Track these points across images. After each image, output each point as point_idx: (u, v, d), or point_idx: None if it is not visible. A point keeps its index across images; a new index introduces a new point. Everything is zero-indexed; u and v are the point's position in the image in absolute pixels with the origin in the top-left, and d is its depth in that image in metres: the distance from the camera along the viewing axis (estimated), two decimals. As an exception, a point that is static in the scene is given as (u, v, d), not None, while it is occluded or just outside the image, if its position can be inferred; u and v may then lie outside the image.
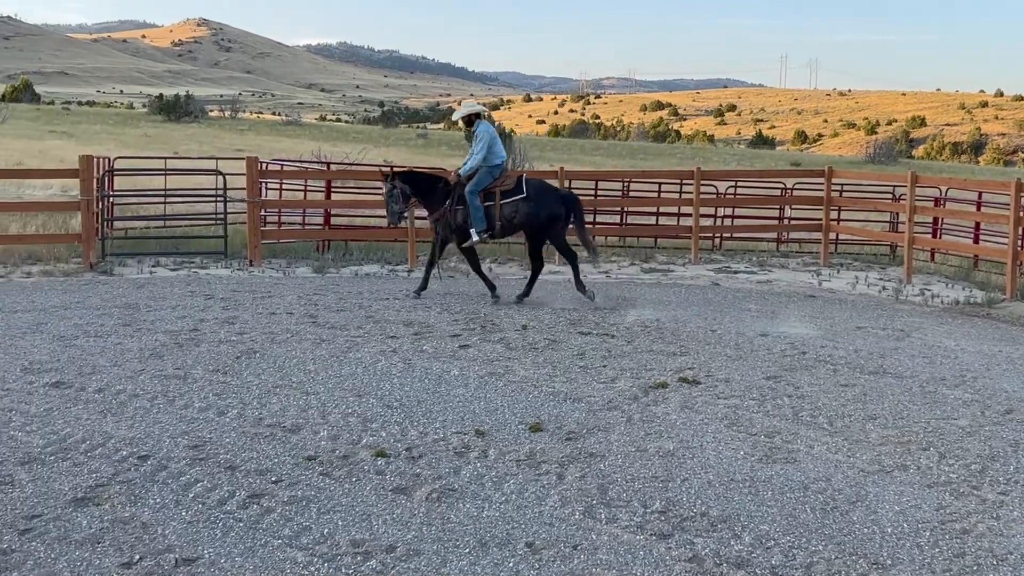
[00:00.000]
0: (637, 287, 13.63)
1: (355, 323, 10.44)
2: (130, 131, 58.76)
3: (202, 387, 7.83)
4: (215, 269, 14.22)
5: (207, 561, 4.81)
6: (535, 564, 4.90)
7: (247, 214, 15.02)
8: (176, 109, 79.56)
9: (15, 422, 6.82)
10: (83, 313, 10.60)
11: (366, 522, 5.32)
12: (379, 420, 7.10)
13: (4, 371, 8.12)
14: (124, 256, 14.82)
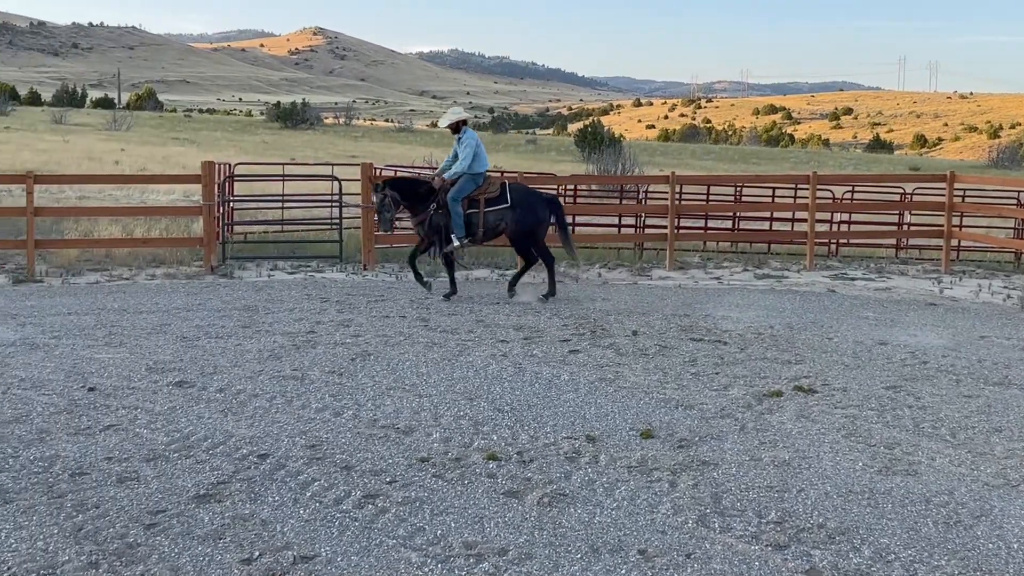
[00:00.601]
0: (749, 293, 13.43)
1: (466, 327, 10.53)
2: (249, 138, 60.32)
3: (319, 388, 7.98)
4: (330, 273, 14.48)
5: (324, 559, 4.90)
6: (648, 572, 4.86)
7: (361, 219, 15.27)
8: (292, 116, 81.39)
9: (140, 420, 7.05)
10: (204, 315, 10.92)
11: (478, 524, 5.35)
12: (490, 423, 7.14)
13: (130, 370, 8.41)
14: (243, 260, 15.21)
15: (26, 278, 13.23)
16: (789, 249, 17.92)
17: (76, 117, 71.71)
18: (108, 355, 8.94)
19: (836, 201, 18.87)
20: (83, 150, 38.27)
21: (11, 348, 9.11)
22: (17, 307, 11.15)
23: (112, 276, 13.70)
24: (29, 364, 8.54)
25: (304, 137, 66.02)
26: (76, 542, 5.00)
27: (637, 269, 15.63)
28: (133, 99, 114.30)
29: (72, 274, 13.72)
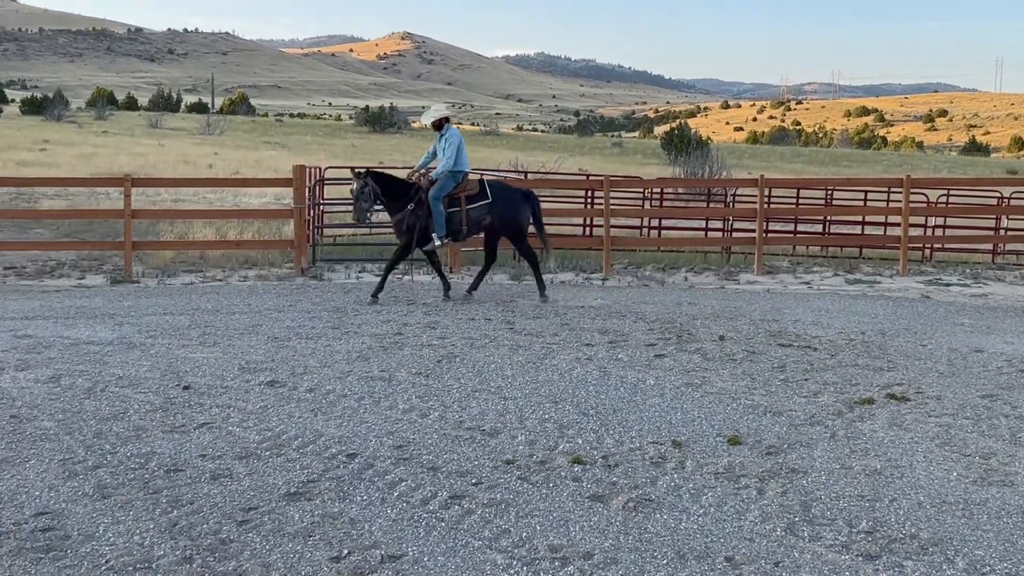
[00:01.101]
0: (840, 299, 13.20)
1: (551, 330, 10.54)
2: (338, 142, 61.23)
3: (406, 389, 8.06)
4: (417, 275, 14.62)
5: (411, 559, 4.95)
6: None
7: (448, 222, 15.37)
8: (381, 120, 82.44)
9: (233, 418, 7.20)
10: (295, 316, 11.11)
11: (564, 528, 5.36)
12: (575, 427, 7.13)
13: (223, 370, 8.59)
14: (332, 262, 15.44)
15: (123, 279, 13.61)
16: (881, 254, 17.59)
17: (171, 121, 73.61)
18: (202, 354, 9.15)
19: (930, 205, 18.45)
20: (178, 154, 39.25)
21: (109, 347, 9.38)
22: (115, 307, 11.48)
23: (206, 277, 14.02)
24: (126, 363, 8.79)
25: (392, 141, 66.79)
26: (171, 537, 5.13)
27: (724, 273, 15.48)
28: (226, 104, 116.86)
29: (167, 275, 14.08)
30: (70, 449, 6.43)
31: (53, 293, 12.49)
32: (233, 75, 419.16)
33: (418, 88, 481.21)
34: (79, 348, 9.30)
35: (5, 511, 5.40)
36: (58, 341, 9.57)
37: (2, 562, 4.77)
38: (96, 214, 17.32)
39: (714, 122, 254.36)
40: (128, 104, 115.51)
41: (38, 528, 5.18)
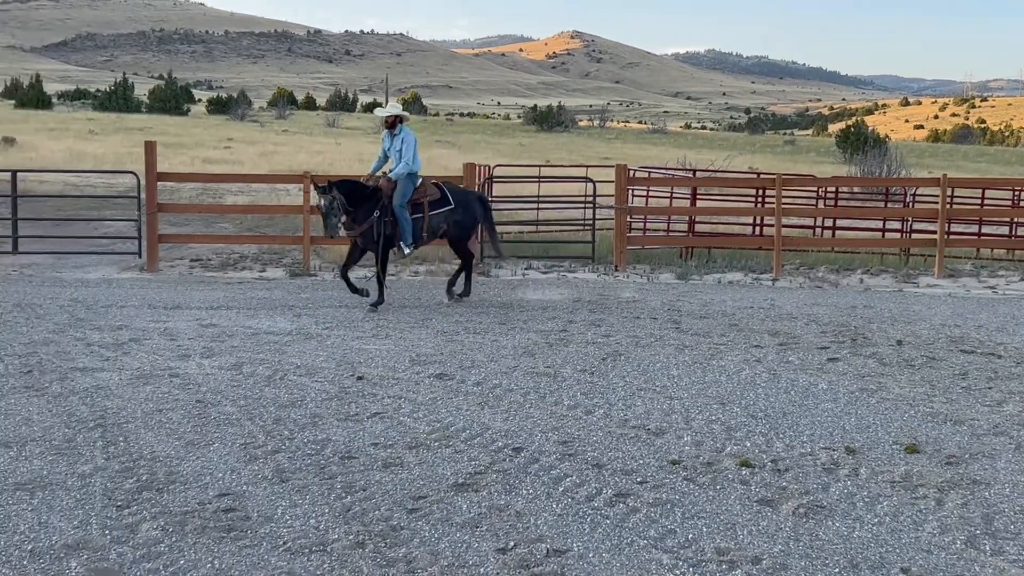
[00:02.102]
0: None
1: (718, 330, 10.39)
2: (506, 141, 61.89)
3: (571, 386, 8.09)
4: (582, 273, 14.65)
5: (576, 554, 4.96)
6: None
7: (615, 220, 15.35)
8: (548, 119, 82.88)
9: (404, 409, 7.38)
10: (463, 311, 11.29)
11: (731, 531, 5.27)
12: (743, 429, 7.01)
13: (395, 361, 8.81)
14: (499, 259, 15.60)
15: (301, 272, 14.12)
16: (1073, 258, 16.61)
17: (347, 121, 75.93)
18: (375, 346, 9.41)
19: None
20: (353, 152, 40.45)
21: (288, 337, 9.75)
22: (293, 299, 11.93)
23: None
24: (303, 352, 9.11)
25: (559, 139, 67.06)
26: (345, 522, 5.29)
27: (902, 276, 14.93)
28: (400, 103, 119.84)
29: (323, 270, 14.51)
30: (251, 434, 6.72)
31: (236, 285, 13.06)
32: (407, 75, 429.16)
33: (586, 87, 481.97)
34: (260, 337, 9.70)
35: (191, 491, 5.68)
36: (240, 330, 10.00)
37: (187, 539, 5.02)
38: (277, 210, 18.03)
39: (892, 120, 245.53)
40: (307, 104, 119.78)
41: (221, 508, 5.43)
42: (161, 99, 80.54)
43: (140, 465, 6.06)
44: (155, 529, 5.13)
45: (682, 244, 16.72)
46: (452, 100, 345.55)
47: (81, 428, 6.77)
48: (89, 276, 13.45)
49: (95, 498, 5.53)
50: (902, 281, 14.53)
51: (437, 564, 4.82)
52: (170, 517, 5.28)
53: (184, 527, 5.16)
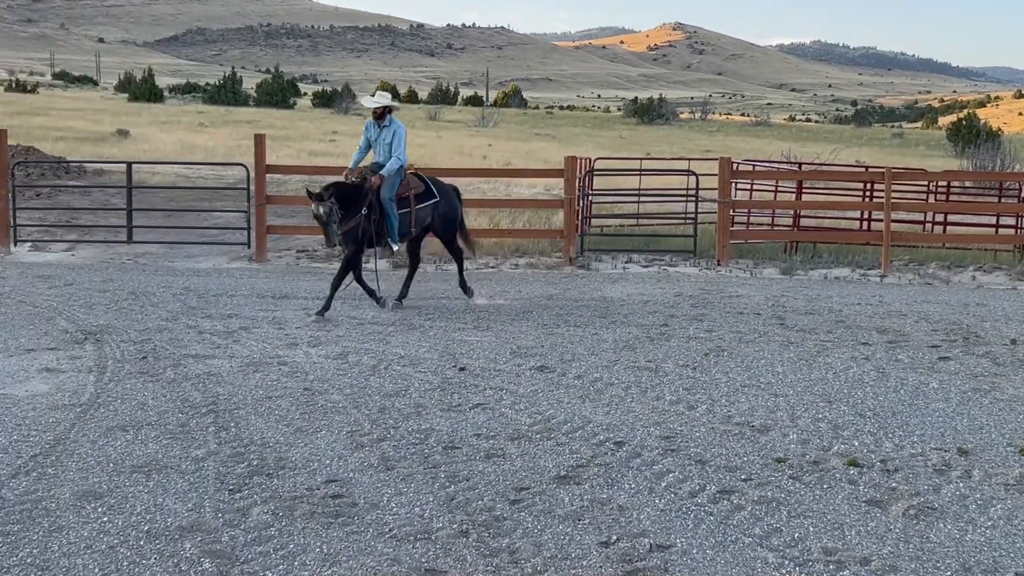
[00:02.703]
0: None
1: (824, 327, 10.20)
2: (606, 133, 61.66)
3: (672, 381, 8.04)
4: (684, 267, 14.52)
5: (679, 550, 4.93)
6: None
7: (717, 214, 15.18)
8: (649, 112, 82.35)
9: (505, 400, 7.42)
10: (563, 304, 11.30)
11: (838, 531, 5.18)
12: (851, 428, 6.88)
13: (496, 353, 8.87)
14: (600, 252, 15.57)
15: (404, 264, 14.25)
16: None
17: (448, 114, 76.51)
18: (476, 338, 9.48)
19: None
20: (454, 145, 40.73)
21: (391, 327, 9.88)
22: (396, 290, 12.02)
23: (479, 265, 14.48)
24: (407, 343, 9.23)
25: (660, 132, 66.54)
26: (448, 511, 5.35)
27: (1017, 273, 14.45)
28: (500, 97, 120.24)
29: (444, 261, 14.63)
30: (357, 422, 6.83)
31: (341, 275, 13.25)
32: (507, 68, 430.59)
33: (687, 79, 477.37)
34: (364, 328, 9.85)
35: (299, 476, 5.81)
36: (345, 320, 10.17)
37: (296, 524, 5.14)
38: (379, 202, 18.20)
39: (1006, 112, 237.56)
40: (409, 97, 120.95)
41: (328, 494, 5.54)
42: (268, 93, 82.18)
43: (251, 450, 6.21)
44: (265, 513, 5.26)
45: (787, 239, 16.43)
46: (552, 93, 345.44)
47: (194, 413, 6.96)
48: (200, 266, 13.81)
49: (208, 482, 5.70)
50: (1016, 279, 14.07)
51: (540, 555, 4.84)
52: (280, 502, 5.41)
53: (293, 512, 5.28)
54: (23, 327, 9.52)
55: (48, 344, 8.88)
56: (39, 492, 5.49)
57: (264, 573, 4.61)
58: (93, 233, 15.96)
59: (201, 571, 4.62)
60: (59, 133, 35.29)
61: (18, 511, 5.23)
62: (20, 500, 5.37)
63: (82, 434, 6.46)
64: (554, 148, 40.33)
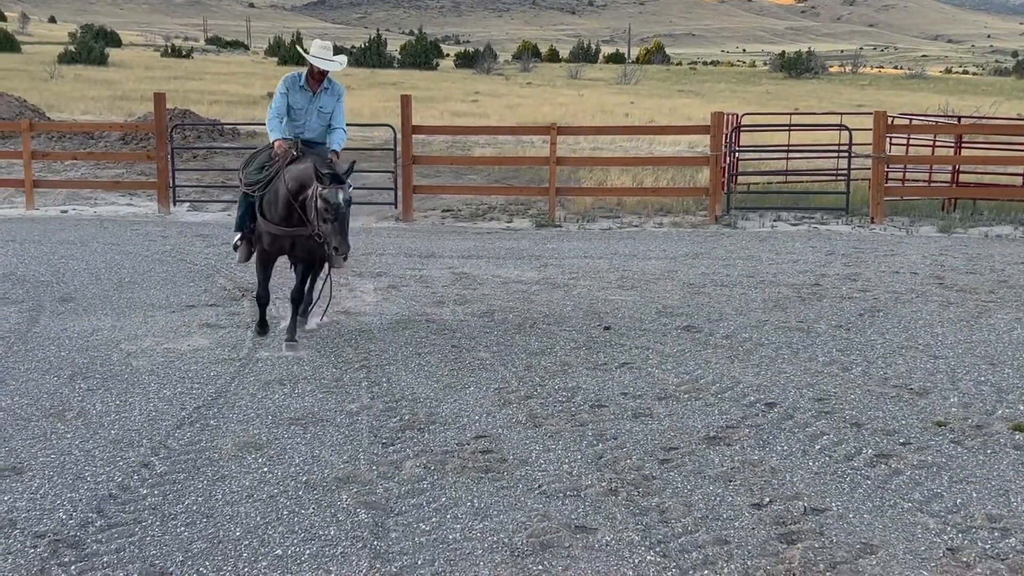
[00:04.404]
0: None
1: (986, 287, 9.78)
2: (751, 89, 60.21)
3: (825, 341, 7.83)
4: (835, 225, 14.11)
5: (835, 514, 4.82)
6: None
7: (871, 170, 14.67)
8: (797, 66, 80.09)
9: (652, 360, 7.36)
10: (709, 263, 11.13)
11: (1003, 497, 4.98)
12: (1016, 392, 6.59)
13: (641, 312, 8.80)
14: (747, 210, 15.27)
15: (547, 223, 14.28)
16: None
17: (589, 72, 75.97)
18: (620, 297, 9.43)
19: None
20: (595, 103, 40.45)
21: (535, 286, 9.91)
22: (539, 249, 12.09)
23: (622, 223, 14.39)
24: (551, 301, 9.24)
25: (808, 87, 64.62)
26: (597, 469, 5.35)
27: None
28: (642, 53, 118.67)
29: (587, 220, 14.60)
30: (504, 379, 6.89)
31: (485, 234, 13.36)
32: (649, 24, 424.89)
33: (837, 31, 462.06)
34: (509, 286, 9.90)
35: (449, 431, 5.90)
36: (490, 279, 10.25)
37: (448, 478, 5.22)
38: (523, 161, 18.29)
39: None
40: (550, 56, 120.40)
41: (478, 450, 5.61)
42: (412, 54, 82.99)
43: (402, 405, 6.34)
44: (418, 467, 5.36)
45: (945, 195, 15.78)
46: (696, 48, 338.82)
47: (347, 368, 7.14)
48: (351, 225, 14.09)
49: (362, 435, 5.84)
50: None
51: (690, 515, 4.80)
52: (431, 456, 5.51)
53: (444, 466, 5.37)
54: (184, 284, 9.92)
55: (208, 301, 9.24)
56: (203, 442, 5.73)
57: (417, 525, 4.71)
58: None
59: (357, 522, 4.74)
60: (213, 97, 36.52)
61: (183, 460, 5.47)
62: (185, 450, 5.62)
63: (242, 387, 6.71)
64: (698, 105, 39.63)
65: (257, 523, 4.73)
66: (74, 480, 5.19)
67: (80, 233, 13.03)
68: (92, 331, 8.09)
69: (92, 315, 8.64)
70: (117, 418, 6.11)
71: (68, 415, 6.16)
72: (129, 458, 5.48)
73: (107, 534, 4.61)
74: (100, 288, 9.70)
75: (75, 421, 6.05)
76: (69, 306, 8.97)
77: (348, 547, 4.50)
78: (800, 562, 4.35)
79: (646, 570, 4.30)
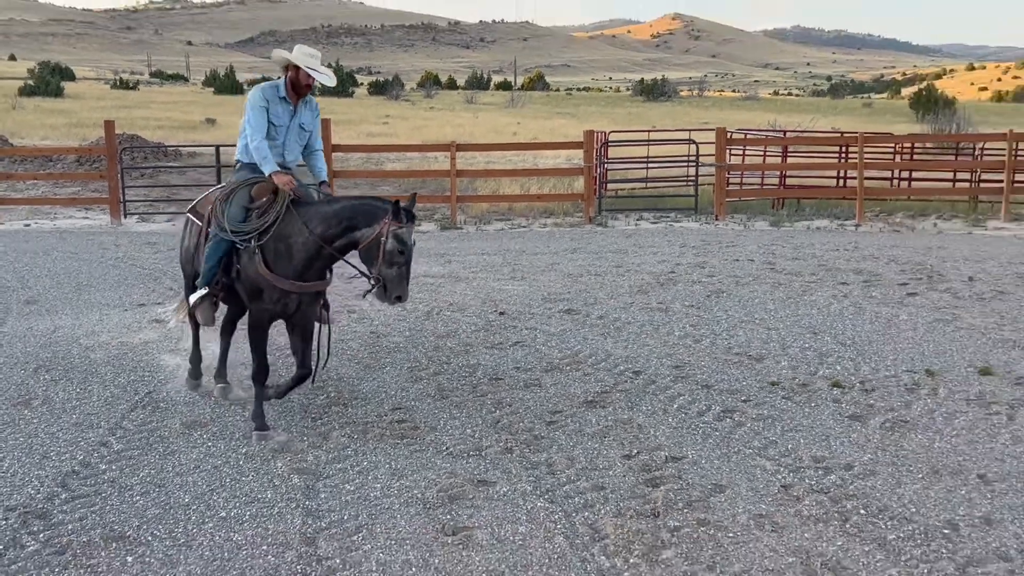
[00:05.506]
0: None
1: (809, 270, 10.08)
2: (617, 110, 60.86)
3: (680, 319, 7.97)
4: (687, 222, 14.37)
5: (690, 460, 4.92)
6: (987, 494, 4.46)
7: (715, 176, 14.99)
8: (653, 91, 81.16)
9: (540, 339, 7.40)
10: (585, 256, 11.23)
11: (825, 442, 5.15)
12: (833, 355, 6.81)
13: (530, 299, 8.83)
14: (615, 212, 15.45)
15: (450, 225, 14.23)
16: None
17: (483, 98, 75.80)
18: (512, 287, 9.45)
19: None
20: (489, 124, 40.41)
21: (441, 280, 9.86)
22: (444, 248, 12.04)
23: (513, 225, 14.42)
24: (454, 292, 9.21)
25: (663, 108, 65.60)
26: (495, 432, 5.36)
27: (972, 220, 14.20)
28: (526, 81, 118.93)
29: (483, 223, 14.59)
30: (415, 359, 6.84)
31: (397, 236, 13.22)
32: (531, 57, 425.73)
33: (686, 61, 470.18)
34: (419, 280, 9.81)
35: (369, 405, 5.84)
36: (403, 274, 10.14)
37: (369, 444, 5.17)
38: (429, 174, 18.16)
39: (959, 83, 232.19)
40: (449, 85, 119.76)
41: (395, 420, 5.57)
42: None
43: (328, 384, 6.25)
44: (343, 436, 5.30)
45: (775, 196, 16.23)
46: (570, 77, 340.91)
47: (280, 355, 6.97)
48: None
49: (294, 411, 5.74)
50: (972, 225, 13.84)
51: (573, 467, 4.85)
52: (355, 427, 5.44)
53: (366, 435, 5.31)
54: (135, 286, 9.61)
55: (156, 299, 8.96)
56: (154, 422, 5.56)
57: (343, 486, 4.65)
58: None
59: (292, 485, 4.66)
60: (158, 123, 35.36)
61: (137, 438, 5.30)
62: (139, 429, 5.45)
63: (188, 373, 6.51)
64: (573, 124, 39.88)
65: (203, 490, 4.62)
66: (41, 459, 4.99)
67: (42, 244, 12.49)
68: (54, 329, 7.78)
69: (54, 315, 8.31)
70: (78, 404, 5.89)
71: (34, 403, 5.91)
72: (89, 438, 5.29)
73: (71, 505, 4.45)
74: (61, 291, 9.33)
75: (40, 408, 5.82)
76: (33, 308, 8.61)
77: (284, 507, 4.43)
78: (663, 501, 4.43)
79: (537, 514, 4.33)
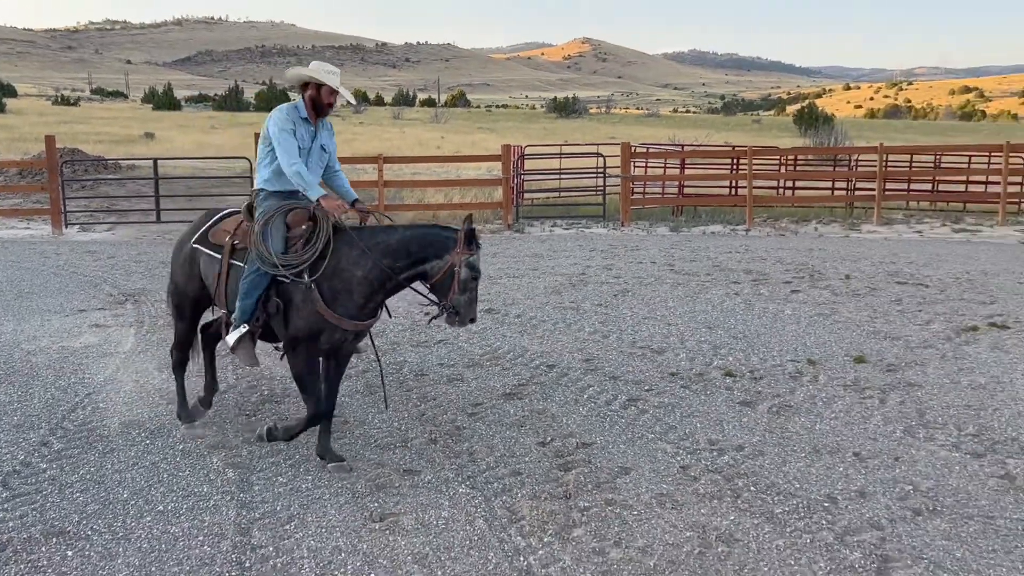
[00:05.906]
0: (947, 244, 12.31)
1: (704, 271, 10.27)
2: (533, 126, 61.16)
3: (589, 316, 8.04)
4: (596, 229, 14.51)
5: (599, 446, 4.96)
6: (862, 470, 4.61)
7: (620, 186, 15.17)
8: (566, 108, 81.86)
9: (462, 337, 7.35)
10: (504, 260, 11.23)
11: (719, 426, 5.25)
12: (726, 347, 6.96)
13: (453, 300, 8.77)
14: (531, 219, 15.50)
15: (378, 232, 14.06)
16: (983, 208, 16.26)
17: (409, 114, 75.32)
18: (437, 289, 9.37)
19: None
20: (415, 138, 40.17)
21: (370, 283, 9.73)
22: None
23: (437, 231, 14.32)
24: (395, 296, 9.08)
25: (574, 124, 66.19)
26: (420, 424, 5.32)
27: (848, 224, 14.69)
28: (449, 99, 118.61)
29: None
30: (345, 358, 6.73)
31: (329, 243, 13.03)
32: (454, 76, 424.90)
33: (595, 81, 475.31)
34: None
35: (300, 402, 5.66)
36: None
37: (301, 439, 5.03)
38: (358, 184, 17.82)
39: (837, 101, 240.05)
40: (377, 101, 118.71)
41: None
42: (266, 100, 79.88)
43: (262, 383, 6.12)
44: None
45: (674, 204, 16.51)
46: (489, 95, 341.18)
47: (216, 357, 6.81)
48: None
49: (229, 409, 5.61)
50: (848, 228, 14.29)
51: (492, 455, 4.84)
52: (286, 422, 5.32)
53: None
54: (75, 292, 9.25)
55: (96, 305, 8.65)
56: (94, 422, 5.36)
57: (276, 478, 4.56)
58: (128, 216, 15.53)
59: (227, 479, 4.55)
60: (97, 137, 34.15)
61: (77, 438, 5.10)
62: (79, 429, 5.24)
63: (126, 375, 6.31)
64: (493, 138, 39.92)
65: (142, 486, 4.47)
66: (-21, 462, 4.76)
67: (-19, 253, 11.93)
68: (-7, 335, 7.43)
69: (-7, 322, 7.94)
70: (19, 406, 5.64)
71: (-27, 408, 5.64)
72: (30, 439, 5.07)
73: (12, 503, 4.26)
74: (2, 298, 8.92)
75: (-21, 412, 5.55)
76: (-28, 315, 8.21)
77: (219, 500, 4.31)
78: (574, 484, 4.45)
79: (459, 500, 4.31)
